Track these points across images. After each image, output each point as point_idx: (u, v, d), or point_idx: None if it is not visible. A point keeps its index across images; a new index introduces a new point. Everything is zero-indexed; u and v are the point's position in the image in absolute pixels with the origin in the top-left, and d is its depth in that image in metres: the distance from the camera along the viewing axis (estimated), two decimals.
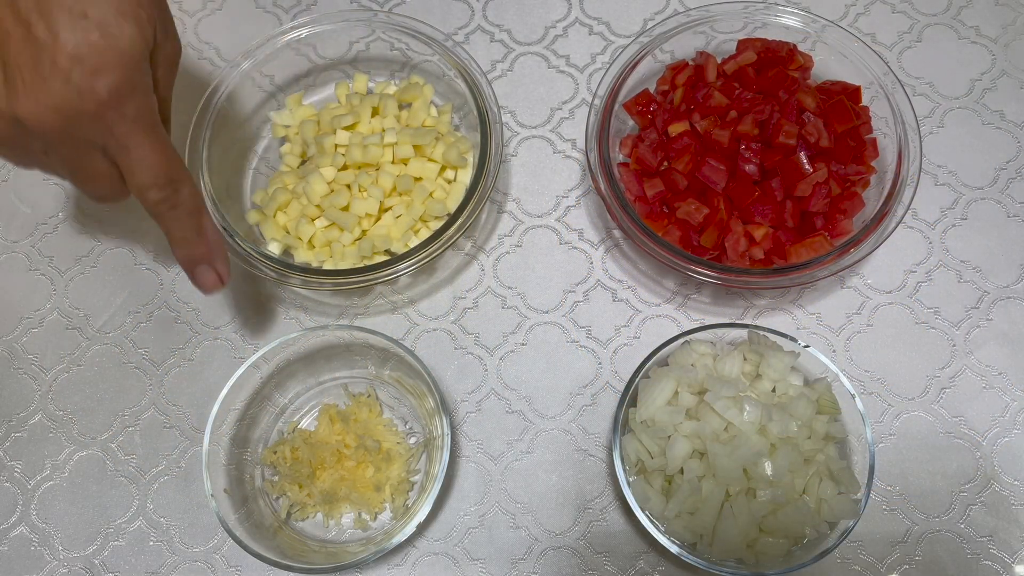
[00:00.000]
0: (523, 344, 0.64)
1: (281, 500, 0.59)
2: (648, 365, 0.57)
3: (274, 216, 0.64)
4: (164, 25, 0.47)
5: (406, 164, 0.64)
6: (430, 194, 0.63)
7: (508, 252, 0.67)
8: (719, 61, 0.64)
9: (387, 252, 0.63)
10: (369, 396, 0.62)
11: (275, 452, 0.59)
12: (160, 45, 0.47)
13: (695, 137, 0.61)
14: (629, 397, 0.56)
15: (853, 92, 0.62)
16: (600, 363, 0.63)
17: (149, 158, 0.46)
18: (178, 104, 0.72)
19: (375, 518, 0.59)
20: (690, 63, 0.65)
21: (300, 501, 0.58)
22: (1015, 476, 0.59)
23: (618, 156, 0.65)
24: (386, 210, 0.64)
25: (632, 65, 0.64)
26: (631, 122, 0.66)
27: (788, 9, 0.65)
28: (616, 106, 0.63)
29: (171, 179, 0.48)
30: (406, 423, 0.62)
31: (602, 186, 0.61)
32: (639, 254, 0.66)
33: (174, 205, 0.49)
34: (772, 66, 0.62)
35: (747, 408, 0.53)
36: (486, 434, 0.62)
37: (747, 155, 0.59)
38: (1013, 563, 0.57)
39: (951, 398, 0.61)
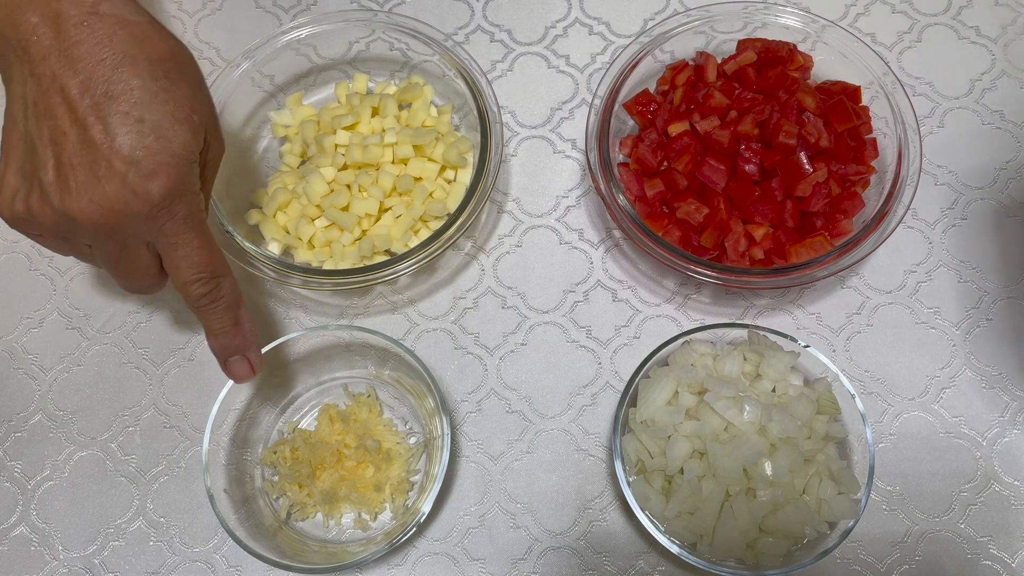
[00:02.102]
0: (523, 344, 0.64)
1: (281, 500, 0.60)
2: (648, 365, 0.57)
3: (274, 216, 0.64)
4: (213, 127, 0.49)
5: (406, 164, 0.64)
6: (430, 194, 0.63)
7: (508, 252, 0.67)
8: (719, 61, 0.64)
9: (387, 252, 0.63)
10: (369, 396, 0.62)
11: (275, 452, 0.59)
12: (209, 145, 0.49)
13: (695, 137, 0.61)
14: (629, 397, 0.56)
15: (853, 92, 0.62)
16: (600, 363, 0.63)
17: (195, 255, 0.48)
18: None
19: (375, 518, 0.59)
20: (690, 63, 0.65)
21: (300, 501, 0.58)
22: (1015, 476, 0.59)
23: (618, 156, 0.65)
24: (386, 210, 0.64)
25: (632, 65, 0.64)
26: (631, 122, 0.66)
27: (788, 9, 0.65)
28: (616, 106, 0.63)
29: (214, 274, 0.49)
30: (406, 423, 0.62)
31: (602, 186, 0.61)
32: (639, 254, 0.66)
33: (215, 299, 0.50)
34: (772, 66, 0.62)
35: (747, 408, 0.53)
36: (486, 434, 0.62)
37: (747, 155, 0.59)
38: (1013, 563, 0.57)
39: (951, 398, 0.61)
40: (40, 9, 0.43)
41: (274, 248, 0.64)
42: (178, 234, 0.47)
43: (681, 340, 0.57)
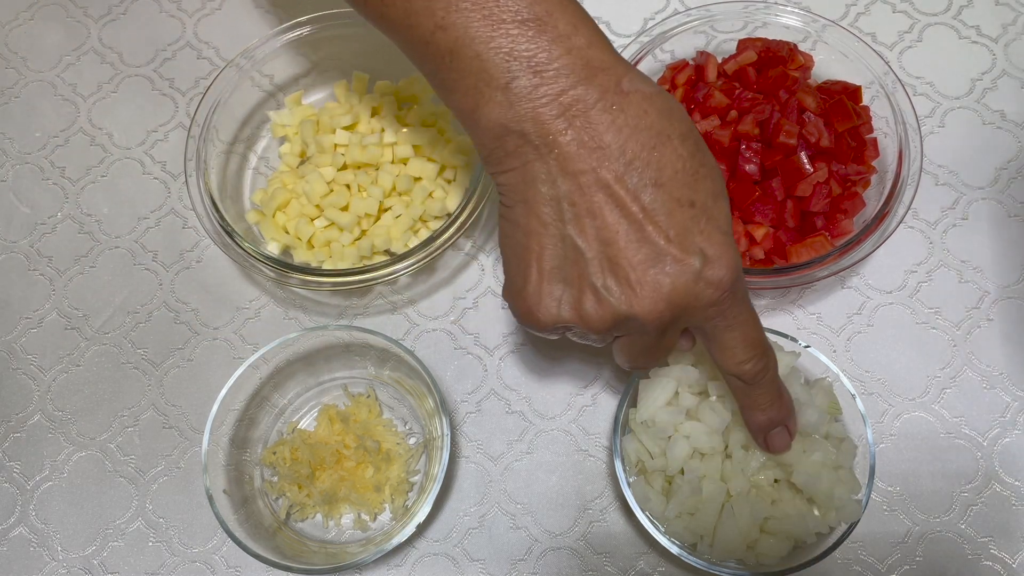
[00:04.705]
0: (523, 344, 0.64)
1: (280, 501, 0.59)
2: None
3: (273, 216, 0.64)
4: None
5: (406, 164, 0.64)
6: (430, 194, 0.63)
7: None
8: (719, 61, 0.64)
9: (387, 252, 0.63)
10: (369, 396, 0.62)
11: (274, 453, 0.59)
12: None
13: None
14: (629, 397, 0.56)
15: (853, 92, 0.62)
16: (600, 363, 0.63)
17: (751, 333, 0.45)
18: (177, 103, 0.72)
19: (375, 519, 0.59)
20: (690, 63, 0.65)
21: (300, 502, 0.58)
22: (1015, 476, 0.59)
23: None
24: (386, 210, 0.64)
25: (632, 65, 0.64)
26: None
27: (788, 9, 0.65)
28: None
29: (766, 349, 0.47)
30: (406, 423, 0.62)
31: None
32: None
33: (767, 372, 0.47)
34: (772, 66, 0.62)
35: None
36: (486, 434, 0.61)
37: (747, 155, 0.59)
38: (1014, 563, 0.57)
39: (951, 398, 0.61)
40: (560, 96, 0.40)
41: (273, 248, 0.64)
42: (737, 315, 0.44)
43: None
